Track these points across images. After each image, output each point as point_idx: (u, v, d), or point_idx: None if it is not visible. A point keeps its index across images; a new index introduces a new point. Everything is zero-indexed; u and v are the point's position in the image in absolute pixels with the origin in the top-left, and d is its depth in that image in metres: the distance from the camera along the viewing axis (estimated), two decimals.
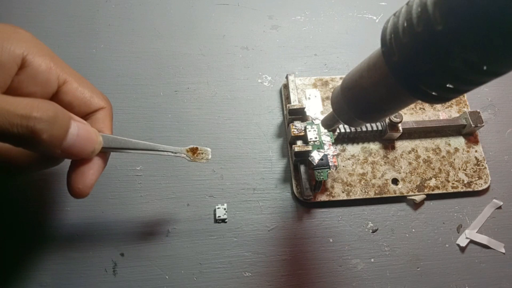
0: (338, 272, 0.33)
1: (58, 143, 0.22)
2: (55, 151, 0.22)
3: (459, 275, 0.34)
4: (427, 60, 0.16)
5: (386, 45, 0.18)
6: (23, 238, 0.33)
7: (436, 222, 0.36)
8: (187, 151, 0.29)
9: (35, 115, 0.20)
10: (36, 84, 0.24)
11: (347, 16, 0.45)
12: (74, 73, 0.26)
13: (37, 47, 0.24)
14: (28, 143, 0.21)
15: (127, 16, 0.43)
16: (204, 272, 0.33)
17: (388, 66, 0.18)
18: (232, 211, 0.35)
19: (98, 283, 0.32)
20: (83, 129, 0.24)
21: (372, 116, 0.23)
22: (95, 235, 0.33)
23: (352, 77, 0.22)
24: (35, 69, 0.23)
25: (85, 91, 0.26)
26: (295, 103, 0.36)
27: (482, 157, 0.38)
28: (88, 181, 0.25)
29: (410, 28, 0.16)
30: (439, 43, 0.15)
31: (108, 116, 0.27)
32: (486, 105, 0.41)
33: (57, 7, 0.42)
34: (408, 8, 0.17)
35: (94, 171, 0.26)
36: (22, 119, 0.20)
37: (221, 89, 0.40)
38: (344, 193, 0.35)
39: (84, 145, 0.24)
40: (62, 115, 0.22)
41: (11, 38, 0.23)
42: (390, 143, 0.38)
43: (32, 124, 0.20)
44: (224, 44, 0.42)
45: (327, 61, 0.42)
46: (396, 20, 0.17)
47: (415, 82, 0.17)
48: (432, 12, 0.15)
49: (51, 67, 0.24)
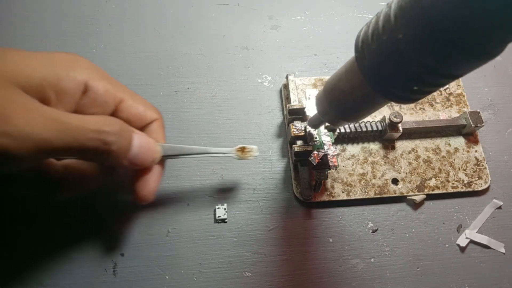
0: (338, 272, 0.33)
1: (125, 153, 0.25)
2: (122, 162, 0.25)
3: (459, 275, 0.34)
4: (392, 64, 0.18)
5: (358, 51, 0.20)
6: (23, 238, 0.33)
7: (436, 222, 0.36)
8: (236, 150, 0.31)
9: (106, 129, 0.23)
10: (96, 106, 0.26)
11: (347, 16, 0.45)
12: (128, 91, 0.28)
13: (95, 72, 0.26)
14: (100, 155, 0.24)
15: (127, 16, 0.43)
16: (204, 272, 0.33)
17: (360, 70, 0.20)
18: (232, 211, 0.35)
19: (98, 283, 0.32)
20: (144, 140, 0.27)
21: (351, 116, 0.25)
22: (95, 235, 0.33)
23: (332, 80, 0.24)
24: (95, 93, 0.26)
25: (139, 107, 0.28)
26: (295, 103, 0.36)
27: (482, 157, 0.38)
28: (151, 188, 0.28)
29: (377, 36, 0.18)
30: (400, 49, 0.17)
31: (161, 126, 0.30)
32: (486, 105, 0.41)
33: (57, 7, 0.42)
34: (377, 19, 0.19)
35: (155, 178, 0.29)
36: (95, 133, 0.23)
37: (221, 89, 0.40)
38: (344, 193, 0.35)
39: (146, 155, 0.27)
40: (126, 128, 0.25)
41: (74, 67, 0.25)
42: (390, 143, 0.38)
43: (104, 137, 0.23)
44: (224, 44, 0.42)
45: (327, 61, 0.42)
46: (367, 29, 0.20)
47: (384, 84, 0.19)
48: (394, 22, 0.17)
49: (108, 89, 0.26)
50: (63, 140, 0.22)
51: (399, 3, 0.17)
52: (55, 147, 0.21)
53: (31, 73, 0.23)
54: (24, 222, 0.33)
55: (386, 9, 0.18)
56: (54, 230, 0.33)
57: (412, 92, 0.19)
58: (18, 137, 0.20)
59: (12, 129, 0.20)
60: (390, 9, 0.18)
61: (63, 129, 0.22)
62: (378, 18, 0.19)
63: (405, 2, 0.17)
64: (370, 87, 0.20)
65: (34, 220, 0.33)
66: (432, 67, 0.17)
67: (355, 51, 0.21)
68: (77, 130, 0.22)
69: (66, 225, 0.33)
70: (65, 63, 0.25)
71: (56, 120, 0.22)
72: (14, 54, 0.23)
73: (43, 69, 0.23)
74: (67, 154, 0.23)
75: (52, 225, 0.33)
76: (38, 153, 0.21)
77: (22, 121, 0.20)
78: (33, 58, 0.23)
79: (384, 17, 0.18)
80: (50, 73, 0.23)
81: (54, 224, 0.33)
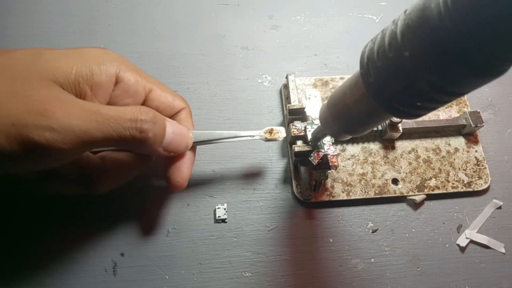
0: (338, 272, 0.33)
1: (160, 140, 0.26)
2: (157, 149, 0.26)
3: (459, 275, 0.34)
4: (398, 81, 0.18)
5: (364, 68, 0.20)
6: (23, 238, 0.33)
7: (436, 222, 0.36)
8: (265, 132, 0.32)
9: (141, 118, 0.24)
10: (128, 96, 0.27)
11: (347, 16, 0.45)
12: (156, 82, 0.29)
13: (124, 64, 0.27)
14: (137, 143, 0.25)
15: (127, 16, 0.43)
16: (204, 272, 0.33)
17: (365, 86, 0.21)
18: (232, 211, 0.35)
19: (98, 283, 0.32)
20: (177, 127, 0.28)
21: (354, 129, 0.25)
22: (95, 235, 0.33)
23: (337, 95, 0.25)
24: (126, 84, 0.27)
25: (168, 96, 0.30)
26: (295, 103, 0.36)
27: (482, 157, 0.38)
28: (185, 174, 0.29)
29: (383, 53, 0.19)
30: (406, 67, 0.17)
31: (189, 114, 0.31)
32: (486, 105, 0.41)
33: (57, 7, 0.42)
34: (382, 35, 0.19)
35: (188, 165, 0.30)
36: (132, 122, 0.24)
37: (221, 89, 0.40)
38: (344, 193, 0.35)
39: (180, 141, 0.28)
40: (159, 116, 0.26)
41: (105, 60, 0.26)
42: (390, 143, 0.38)
43: (140, 125, 0.24)
44: (224, 44, 0.42)
45: (327, 61, 0.42)
46: (372, 46, 0.20)
47: (388, 101, 0.20)
48: (401, 39, 0.17)
49: (138, 79, 0.28)
50: (102, 130, 0.23)
51: (406, 21, 0.17)
52: (95, 138, 0.23)
53: (67, 70, 0.24)
54: (24, 222, 0.33)
55: (392, 26, 0.18)
56: (54, 230, 0.33)
57: (417, 108, 0.19)
58: (61, 131, 0.21)
59: (55, 123, 0.21)
60: (396, 26, 0.18)
61: (102, 120, 0.23)
62: (384, 35, 0.19)
63: (412, 20, 0.17)
64: (375, 103, 0.21)
65: (34, 220, 0.33)
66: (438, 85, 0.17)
67: (360, 67, 0.21)
68: (115, 120, 0.23)
69: (66, 225, 0.33)
70: (96, 58, 0.25)
71: (94, 112, 0.23)
72: (50, 53, 0.24)
73: (77, 65, 0.24)
74: (106, 144, 0.24)
75: (52, 225, 0.33)
76: (79, 145, 0.22)
77: (63, 115, 0.22)
78: (67, 56, 0.24)
79: (390, 35, 0.18)
80: (84, 69, 0.24)
81: (54, 224, 0.33)
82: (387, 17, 0.44)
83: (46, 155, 0.22)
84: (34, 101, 0.21)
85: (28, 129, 0.21)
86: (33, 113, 0.21)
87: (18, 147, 0.21)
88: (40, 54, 0.24)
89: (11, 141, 0.21)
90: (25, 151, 0.21)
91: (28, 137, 0.21)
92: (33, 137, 0.21)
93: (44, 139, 0.21)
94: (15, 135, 0.21)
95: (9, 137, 0.21)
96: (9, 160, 0.22)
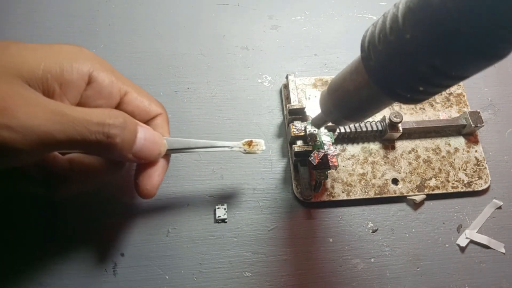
0: (338, 272, 0.33)
1: (129, 146, 0.24)
2: (127, 155, 0.25)
3: (459, 275, 0.34)
4: (399, 64, 0.18)
5: (364, 51, 0.20)
6: (23, 239, 0.33)
7: (436, 222, 0.36)
8: (243, 144, 0.31)
9: (109, 122, 0.23)
10: (101, 98, 0.26)
11: (347, 16, 0.45)
12: (133, 85, 0.28)
13: (100, 63, 0.26)
14: (104, 149, 0.23)
15: (127, 16, 0.43)
16: (204, 272, 0.33)
17: (366, 70, 0.20)
18: (232, 211, 0.35)
19: (98, 283, 0.32)
20: (149, 133, 0.26)
21: (355, 115, 0.25)
22: (95, 235, 0.33)
23: (337, 81, 0.24)
24: (99, 84, 0.26)
25: (144, 100, 0.28)
26: (295, 103, 0.36)
27: (482, 157, 0.38)
28: (155, 182, 0.28)
29: (384, 36, 0.18)
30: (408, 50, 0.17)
31: (165, 121, 0.30)
32: (486, 105, 0.41)
33: (57, 7, 0.42)
34: (384, 19, 0.19)
35: (160, 172, 0.28)
36: (99, 126, 0.22)
37: (221, 89, 0.40)
38: (344, 193, 0.35)
39: (152, 148, 0.26)
40: (130, 121, 0.25)
41: (78, 58, 0.25)
42: (390, 143, 0.38)
43: (107, 130, 0.22)
44: (224, 44, 0.42)
45: (327, 61, 0.42)
46: (373, 29, 0.19)
47: (390, 85, 0.19)
48: (402, 22, 0.17)
49: (113, 81, 0.26)
50: (65, 133, 0.21)
51: (407, 3, 0.17)
52: (57, 141, 0.21)
53: (34, 65, 0.22)
54: (24, 222, 0.33)
55: (393, 9, 0.18)
56: (54, 230, 0.33)
57: (418, 93, 0.19)
58: (19, 130, 0.20)
59: (13, 122, 0.20)
60: (397, 9, 0.18)
61: (65, 122, 0.21)
62: (385, 19, 0.19)
63: (414, 2, 0.17)
64: (376, 88, 0.20)
65: (34, 220, 0.33)
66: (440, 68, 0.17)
67: (361, 51, 0.20)
68: (80, 123, 0.22)
69: (66, 225, 0.33)
70: (69, 55, 0.24)
71: (58, 113, 0.21)
72: (17, 47, 0.23)
73: (46, 61, 0.23)
74: (70, 147, 0.23)
75: (52, 225, 0.33)
76: (40, 146, 0.21)
77: (24, 114, 0.20)
78: (36, 50, 0.23)
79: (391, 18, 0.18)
80: (53, 65, 0.23)
81: (54, 224, 0.33)
82: None
83: (3, 154, 0.21)
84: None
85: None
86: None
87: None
88: (6, 47, 0.22)
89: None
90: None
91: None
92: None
93: (1, 137, 0.20)
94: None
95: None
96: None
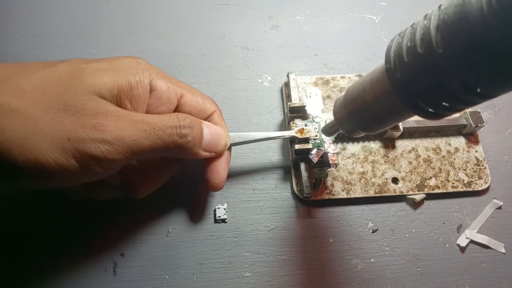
0: (338, 272, 0.33)
1: (199, 143, 0.27)
2: (198, 151, 0.27)
3: (459, 275, 0.34)
4: (427, 79, 0.17)
5: (389, 63, 0.19)
6: (23, 239, 0.33)
7: (436, 222, 0.36)
8: (296, 132, 0.34)
9: (180, 124, 0.25)
10: (162, 103, 0.28)
11: (347, 16, 0.45)
12: (186, 86, 0.30)
13: (156, 72, 0.28)
14: (179, 148, 0.26)
15: (127, 16, 0.43)
16: (204, 272, 0.33)
17: (391, 83, 0.20)
18: (232, 211, 0.35)
19: (98, 283, 0.32)
20: (213, 128, 0.29)
21: (371, 127, 0.24)
22: (95, 235, 0.33)
23: (355, 90, 0.24)
24: (159, 92, 0.27)
25: (199, 99, 0.30)
26: (296, 101, 0.36)
27: (482, 157, 0.38)
28: (222, 176, 0.30)
29: (413, 49, 0.18)
30: (438, 65, 0.16)
31: (221, 116, 0.31)
32: (486, 105, 0.41)
33: (57, 7, 0.42)
34: (413, 30, 0.18)
35: (225, 166, 0.31)
36: (173, 129, 0.25)
37: (221, 89, 0.40)
38: (344, 192, 0.35)
39: (218, 141, 0.29)
40: (195, 120, 0.27)
41: (138, 71, 0.26)
42: (391, 142, 0.38)
43: (180, 131, 0.25)
44: (224, 44, 0.42)
45: (327, 61, 0.42)
46: (400, 40, 0.19)
47: (415, 99, 0.19)
48: (434, 36, 0.16)
49: (169, 86, 0.28)
50: (149, 139, 0.24)
51: (441, 16, 0.16)
52: (143, 147, 0.24)
53: (110, 84, 0.24)
54: (24, 222, 0.33)
55: (424, 21, 0.17)
56: (54, 230, 0.33)
57: (442, 109, 0.18)
58: (114, 142, 0.23)
59: (109, 136, 0.22)
60: (429, 22, 0.17)
61: (148, 129, 0.24)
62: (414, 30, 0.18)
63: (449, 16, 0.16)
64: (399, 100, 0.20)
65: (34, 220, 0.33)
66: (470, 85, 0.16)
67: (385, 62, 0.20)
68: (160, 128, 0.24)
69: (66, 225, 0.33)
70: (131, 70, 0.26)
71: (141, 122, 0.24)
72: (90, 68, 0.24)
73: (118, 80, 0.25)
74: (151, 152, 0.25)
75: (52, 225, 0.33)
76: (130, 154, 0.23)
77: (114, 127, 0.23)
78: (107, 71, 0.25)
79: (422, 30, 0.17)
80: (124, 83, 0.25)
81: (54, 224, 0.33)
82: (387, 17, 0.45)
83: (102, 166, 0.23)
84: (86, 116, 0.22)
85: (85, 143, 0.22)
86: (87, 127, 0.22)
87: (75, 161, 0.22)
88: (81, 69, 0.24)
89: (68, 155, 0.22)
90: (82, 165, 0.22)
91: (85, 151, 0.22)
92: (90, 151, 0.22)
93: (100, 151, 0.22)
94: (71, 150, 0.22)
95: (66, 151, 0.22)
96: (66, 175, 0.22)
